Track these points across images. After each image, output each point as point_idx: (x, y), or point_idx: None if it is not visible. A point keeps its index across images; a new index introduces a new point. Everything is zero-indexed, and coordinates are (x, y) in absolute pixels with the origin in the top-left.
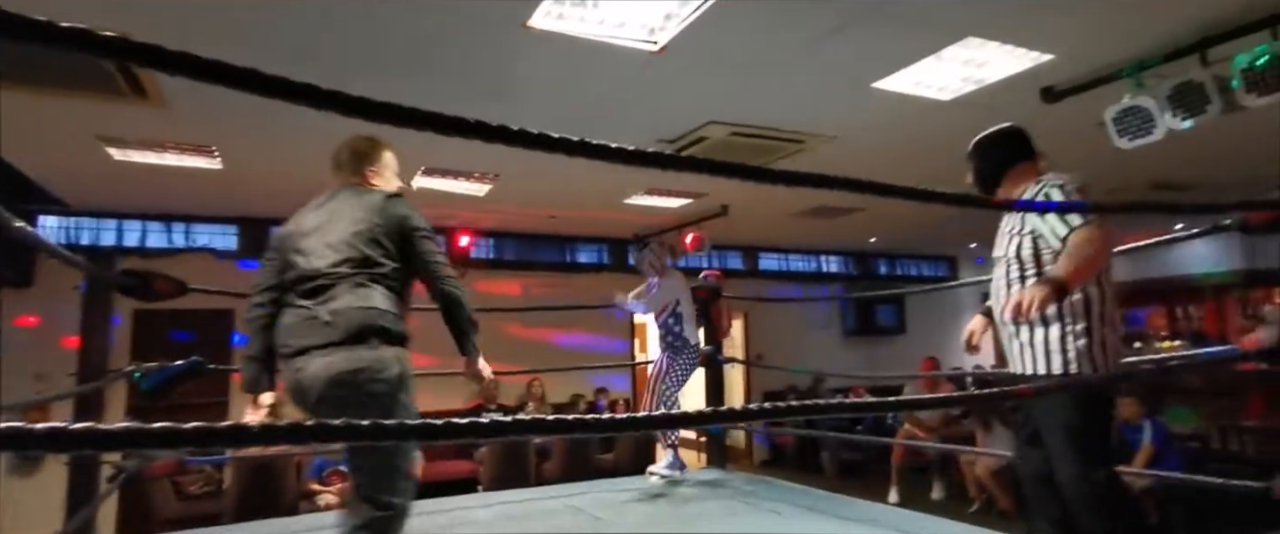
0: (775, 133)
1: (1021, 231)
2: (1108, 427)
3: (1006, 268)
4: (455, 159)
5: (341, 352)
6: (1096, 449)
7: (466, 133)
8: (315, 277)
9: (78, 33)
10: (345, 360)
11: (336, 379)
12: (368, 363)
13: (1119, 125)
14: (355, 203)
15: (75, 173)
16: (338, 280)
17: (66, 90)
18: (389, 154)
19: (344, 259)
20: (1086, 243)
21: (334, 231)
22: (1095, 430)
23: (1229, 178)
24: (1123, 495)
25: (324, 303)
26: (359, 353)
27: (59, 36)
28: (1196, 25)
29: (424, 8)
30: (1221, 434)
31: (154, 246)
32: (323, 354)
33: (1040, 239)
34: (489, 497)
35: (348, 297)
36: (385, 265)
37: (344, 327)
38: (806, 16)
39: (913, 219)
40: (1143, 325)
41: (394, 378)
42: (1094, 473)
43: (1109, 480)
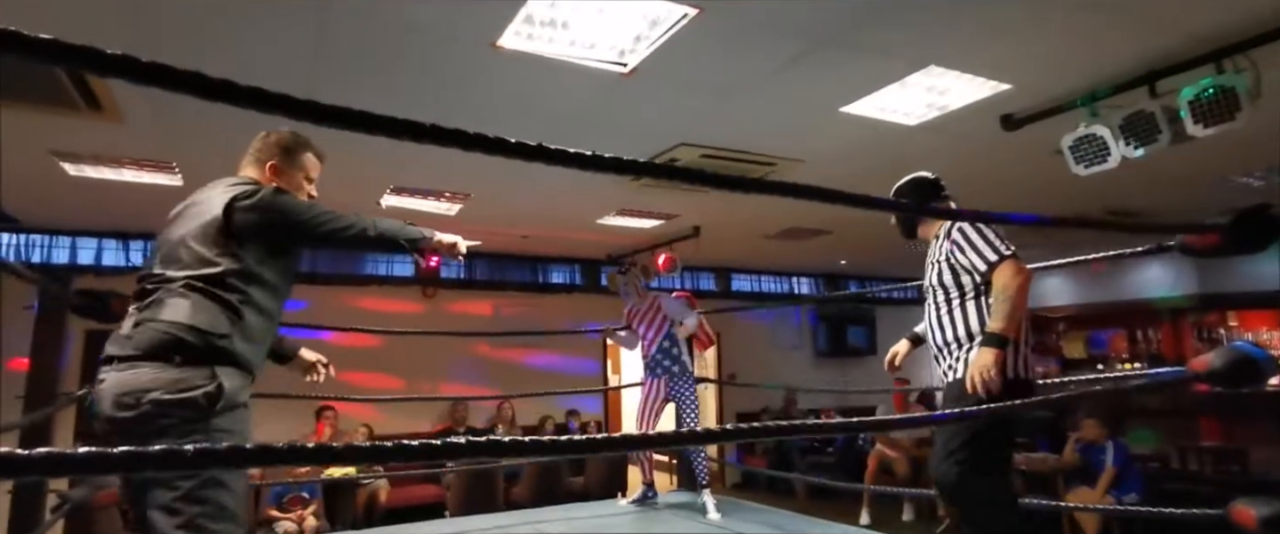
0: (745, 155)
1: (938, 260)
2: (1000, 429)
3: (932, 294)
4: (425, 178)
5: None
6: (971, 443)
7: (442, 141)
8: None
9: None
10: (132, 378)
11: (118, 400)
12: (162, 383)
13: (1075, 153)
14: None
15: (27, 188)
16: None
17: (17, 103)
18: (306, 156)
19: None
20: (1008, 286)
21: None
22: (986, 427)
23: (1181, 205)
24: (980, 476)
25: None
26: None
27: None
28: (1144, 58)
29: (391, 26)
30: (1181, 454)
31: (109, 265)
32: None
33: (959, 269)
34: (456, 522)
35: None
36: (220, 265)
37: (142, 340)
38: (775, 41)
39: (881, 241)
40: (1105, 348)
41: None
42: (956, 462)
43: (969, 468)
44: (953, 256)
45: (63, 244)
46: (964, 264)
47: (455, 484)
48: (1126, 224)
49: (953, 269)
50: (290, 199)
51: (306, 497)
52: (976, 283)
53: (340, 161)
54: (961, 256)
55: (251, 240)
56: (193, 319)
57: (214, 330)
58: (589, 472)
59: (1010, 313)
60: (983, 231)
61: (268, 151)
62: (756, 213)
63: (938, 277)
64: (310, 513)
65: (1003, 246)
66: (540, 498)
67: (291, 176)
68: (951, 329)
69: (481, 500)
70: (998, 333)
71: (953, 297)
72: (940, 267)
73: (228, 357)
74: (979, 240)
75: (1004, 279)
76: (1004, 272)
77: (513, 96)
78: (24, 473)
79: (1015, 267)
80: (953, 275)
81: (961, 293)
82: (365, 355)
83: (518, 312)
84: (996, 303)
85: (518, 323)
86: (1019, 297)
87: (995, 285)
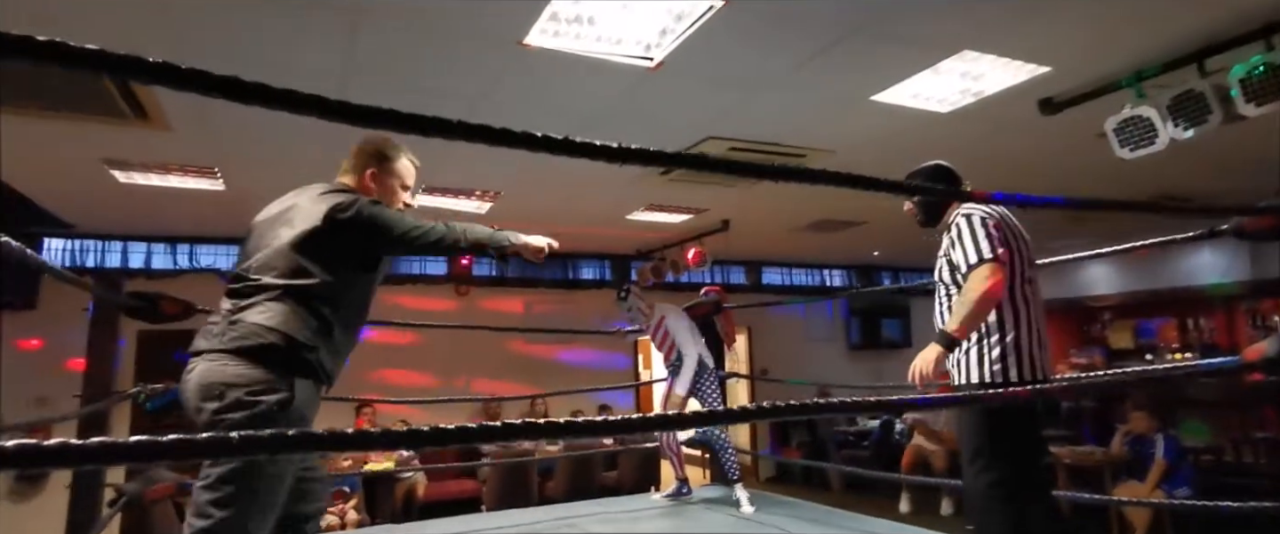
0: (774, 148)
1: (941, 253)
2: (1018, 436)
3: (937, 288)
4: (456, 177)
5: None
6: (997, 455)
7: (472, 137)
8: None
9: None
10: (219, 370)
11: (204, 390)
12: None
13: (1120, 136)
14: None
15: (80, 195)
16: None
17: (70, 113)
18: (401, 163)
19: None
20: (973, 289)
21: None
22: (999, 438)
23: (1234, 188)
24: (1017, 505)
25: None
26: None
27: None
28: (1193, 36)
29: (419, 27)
30: (1235, 447)
31: (159, 268)
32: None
33: (952, 264)
34: (491, 517)
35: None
36: (314, 277)
37: (234, 337)
38: (803, 30)
39: (915, 231)
40: (1154, 338)
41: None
42: (987, 475)
43: (1000, 483)
44: (949, 251)
45: (114, 248)
46: (956, 260)
47: (491, 479)
48: (1177, 207)
49: (950, 264)
50: (385, 212)
51: (347, 490)
52: (959, 280)
53: None
54: (954, 252)
55: (347, 253)
56: (285, 326)
57: (303, 340)
58: (622, 467)
59: (966, 316)
60: (975, 229)
61: (364, 159)
62: (787, 205)
63: (938, 271)
64: (351, 506)
65: (986, 248)
66: (574, 493)
67: (387, 184)
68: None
69: (516, 495)
70: (949, 333)
71: (952, 292)
72: (941, 262)
73: (308, 368)
74: (968, 238)
75: (972, 281)
76: (977, 274)
77: (540, 94)
78: (76, 462)
79: (989, 270)
80: (950, 270)
81: (959, 289)
82: (401, 353)
83: (549, 308)
84: (959, 303)
85: (549, 319)
86: (981, 302)
87: (965, 285)
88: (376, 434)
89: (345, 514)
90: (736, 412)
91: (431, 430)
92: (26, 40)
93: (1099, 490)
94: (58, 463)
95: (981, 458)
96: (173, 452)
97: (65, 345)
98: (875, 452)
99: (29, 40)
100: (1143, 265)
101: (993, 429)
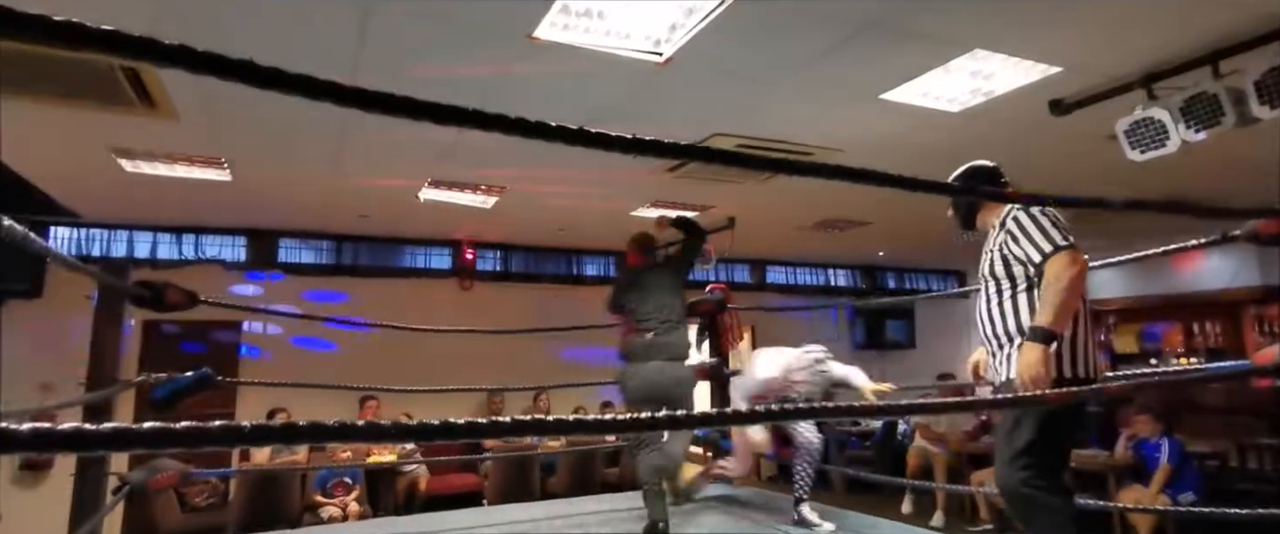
0: (782, 145)
1: (992, 248)
2: (1064, 431)
3: (985, 285)
4: (463, 171)
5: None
6: (1034, 447)
7: (485, 126)
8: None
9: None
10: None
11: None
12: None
13: (1131, 138)
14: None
15: (87, 184)
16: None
17: (79, 101)
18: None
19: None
20: (1060, 277)
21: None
22: (1040, 430)
23: (1244, 193)
24: (1048, 495)
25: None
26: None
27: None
28: (1206, 37)
29: (430, 20)
30: (1240, 452)
31: (164, 258)
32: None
33: (1011, 259)
34: (493, 511)
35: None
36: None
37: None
38: (813, 27)
39: (921, 232)
40: (1159, 342)
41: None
42: (1020, 467)
43: (1047, 482)
44: (1006, 246)
45: (120, 238)
46: (1017, 254)
47: (493, 474)
48: (1191, 208)
49: (1005, 259)
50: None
51: (350, 482)
52: (1029, 275)
53: (380, 156)
54: (1015, 246)
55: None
56: (687, 342)
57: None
58: (625, 463)
59: (1059, 307)
60: (1039, 220)
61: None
62: (793, 203)
63: (990, 267)
64: (353, 498)
65: (1059, 236)
66: (576, 489)
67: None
68: (1002, 323)
69: (519, 490)
70: (1044, 327)
71: (1004, 288)
72: (993, 256)
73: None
74: (1034, 229)
75: (1056, 270)
76: (1057, 262)
77: (549, 88)
78: (87, 447)
79: (1070, 257)
80: (1005, 266)
81: (1013, 285)
82: (402, 347)
83: (553, 304)
84: (1046, 295)
85: (553, 315)
86: (1071, 290)
87: (1047, 276)
88: (387, 426)
89: (347, 506)
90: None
91: (440, 424)
92: (40, 19)
93: (1103, 494)
94: (70, 448)
95: (1027, 457)
96: (186, 439)
97: (71, 334)
98: (878, 453)
99: (42, 19)
100: (1149, 269)
101: (1044, 428)
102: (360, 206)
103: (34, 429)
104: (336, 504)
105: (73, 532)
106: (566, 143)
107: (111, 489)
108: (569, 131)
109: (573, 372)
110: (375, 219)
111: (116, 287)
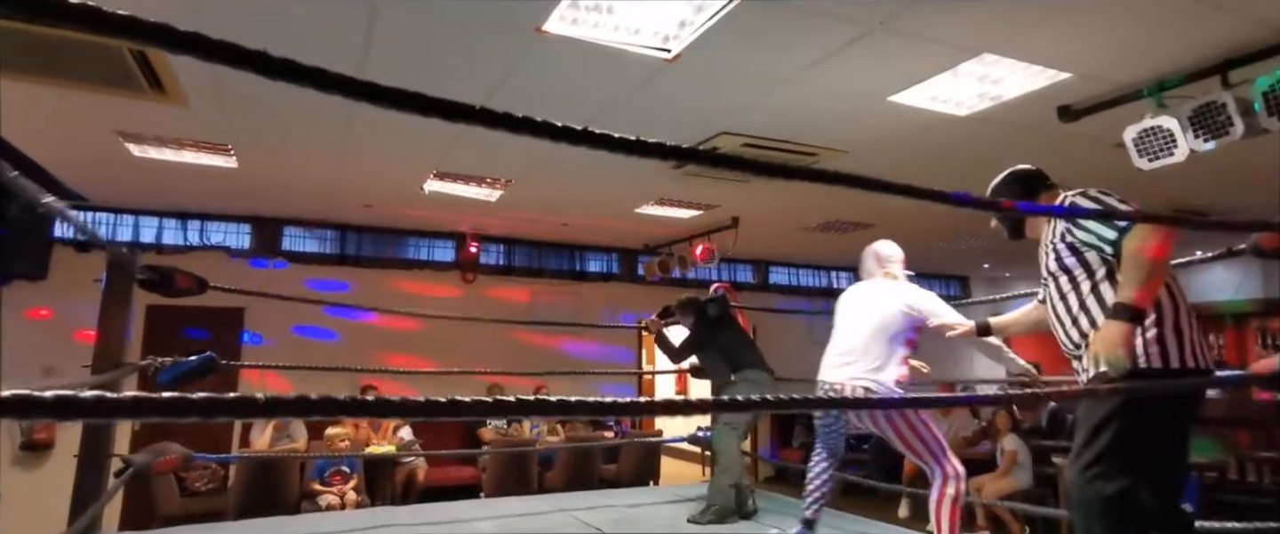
0: (788, 145)
1: (1052, 241)
2: (1152, 434)
3: (1052, 284)
4: (468, 164)
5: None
6: (1120, 454)
7: (492, 123)
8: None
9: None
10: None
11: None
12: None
13: (1139, 146)
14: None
15: (94, 168)
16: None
17: (87, 84)
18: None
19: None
20: (1144, 248)
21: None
22: (1127, 432)
23: (1252, 204)
24: (1131, 520)
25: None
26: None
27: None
28: (1218, 46)
29: (436, 9)
30: (1239, 464)
31: (169, 243)
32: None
33: (1080, 246)
34: (491, 504)
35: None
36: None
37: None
38: (823, 28)
39: (925, 237)
40: None
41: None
42: (1103, 482)
43: (1120, 495)
44: (1070, 233)
45: (126, 222)
46: (1085, 239)
47: (491, 467)
48: (1195, 220)
49: (1072, 248)
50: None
51: (347, 471)
52: (1107, 257)
53: (385, 147)
54: (1081, 232)
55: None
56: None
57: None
58: (622, 460)
59: (1144, 279)
60: (1102, 201)
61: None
62: (797, 204)
63: (1056, 260)
64: (350, 488)
65: (1129, 209)
66: (573, 484)
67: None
68: (1084, 318)
69: (516, 484)
70: (1128, 303)
71: (1079, 280)
72: (1057, 249)
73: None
74: (1099, 208)
75: (1137, 241)
76: (1137, 233)
77: (556, 83)
78: (109, 415)
79: (1148, 228)
80: (1074, 255)
81: (1090, 274)
82: (405, 338)
83: (555, 299)
84: (1127, 270)
85: (554, 310)
86: (1156, 262)
87: (1126, 251)
88: (394, 401)
89: (345, 495)
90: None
91: (447, 402)
92: (57, 1)
93: None
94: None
95: (1106, 463)
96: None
97: (76, 317)
98: (876, 455)
99: (61, 1)
100: None
101: (1132, 428)
102: (365, 197)
103: (58, 395)
104: (335, 493)
105: (74, 513)
106: (571, 142)
107: (114, 471)
108: (574, 132)
109: (574, 367)
110: (379, 210)
111: (126, 269)
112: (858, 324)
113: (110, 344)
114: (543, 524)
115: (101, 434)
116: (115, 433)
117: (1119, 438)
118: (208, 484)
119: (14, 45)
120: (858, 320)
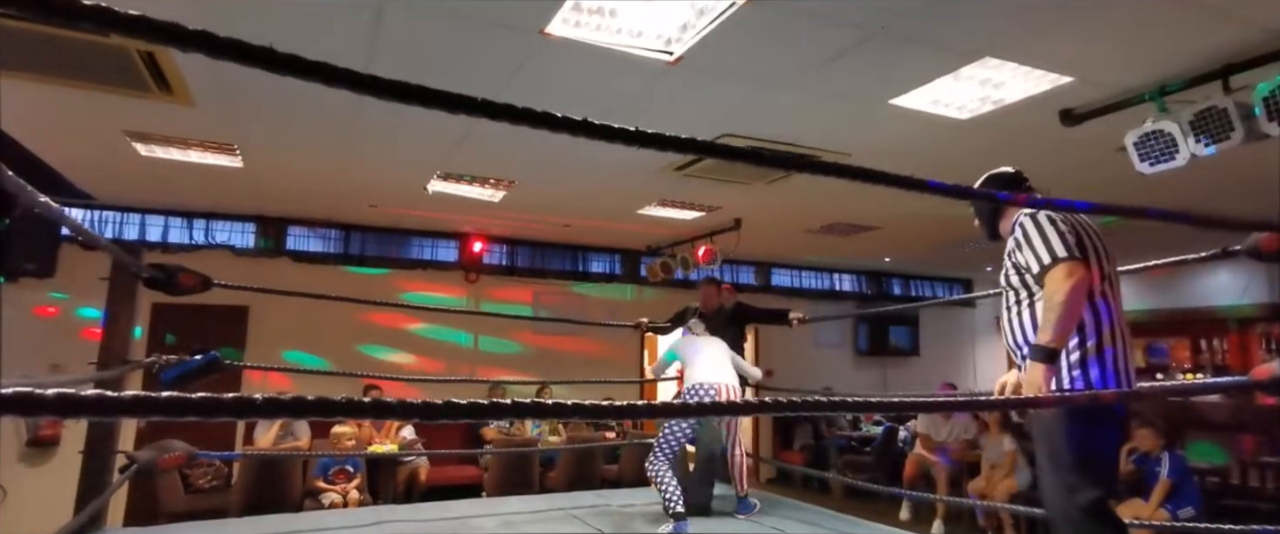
0: (790, 148)
1: (1006, 254)
2: (1102, 447)
3: (1004, 295)
4: (471, 164)
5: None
6: (1081, 469)
7: (497, 116)
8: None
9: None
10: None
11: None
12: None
13: (1141, 150)
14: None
15: (101, 167)
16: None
17: (95, 84)
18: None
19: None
20: (1056, 292)
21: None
22: (1082, 448)
23: (1252, 210)
24: (1108, 526)
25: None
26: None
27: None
28: (1218, 51)
29: (441, 10)
30: (1242, 469)
31: (175, 242)
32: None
33: (1018, 267)
34: (492, 503)
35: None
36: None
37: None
38: (825, 31)
39: (928, 239)
40: (1166, 357)
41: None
42: (1075, 495)
43: (1093, 505)
44: (1013, 254)
45: (133, 221)
46: (1020, 262)
47: (493, 467)
48: (1188, 218)
49: (1016, 267)
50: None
51: (350, 470)
52: (1031, 285)
53: (390, 148)
54: (1019, 255)
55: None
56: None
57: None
58: (623, 460)
59: (1057, 322)
60: (1043, 228)
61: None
62: (800, 206)
63: (1004, 275)
64: (354, 486)
65: (1059, 246)
66: (575, 484)
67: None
68: (1020, 332)
69: (517, 483)
70: (1043, 345)
71: (1021, 297)
72: (1006, 264)
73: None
74: (1037, 238)
75: (1053, 284)
76: (1055, 274)
77: (558, 84)
78: (109, 413)
79: (1068, 268)
80: (1017, 274)
81: (1029, 293)
82: (408, 338)
83: (557, 300)
84: (1044, 311)
85: (557, 311)
86: (1067, 305)
87: (1045, 289)
88: (392, 403)
89: (347, 493)
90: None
91: (444, 404)
92: (71, 1)
93: None
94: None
95: (1074, 475)
96: (201, 409)
97: (81, 316)
98: (877, 458)
99: (74, 2)
100: (1157, 284)
101: (1085, 444)
102: (369, 197)
103: (59, 393)
104: (337, 491)
105: (79, 509)
106: (572, 134)
107: (119, 468)
108: (574, 123)
109: (577, 368)
110: (383, 210)
111: (132, 267)
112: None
113: (115, 342)
114: (544, 524)
115: (106, 431)
116: (120, 430)
117: (1078, 453)
118: (212, 481)
119: (23, 45)
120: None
